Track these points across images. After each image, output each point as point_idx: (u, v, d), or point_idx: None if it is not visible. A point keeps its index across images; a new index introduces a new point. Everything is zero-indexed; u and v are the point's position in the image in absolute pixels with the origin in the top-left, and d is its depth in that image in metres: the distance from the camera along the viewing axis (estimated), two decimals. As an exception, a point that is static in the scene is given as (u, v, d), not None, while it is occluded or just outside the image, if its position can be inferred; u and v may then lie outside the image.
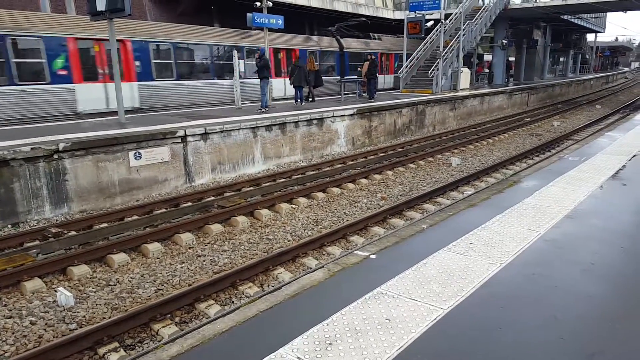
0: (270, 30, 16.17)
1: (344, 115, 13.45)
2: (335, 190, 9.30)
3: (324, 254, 6.32)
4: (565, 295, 3.23)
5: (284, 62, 19.97)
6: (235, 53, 14.20)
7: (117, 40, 12.10)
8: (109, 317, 4.74)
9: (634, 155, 8.08)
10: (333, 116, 13.04)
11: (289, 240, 6.87)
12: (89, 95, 13.56)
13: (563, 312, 3.01)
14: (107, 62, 13.77)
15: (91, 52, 13.69)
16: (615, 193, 5.81)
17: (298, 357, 2.59)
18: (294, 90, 15.65)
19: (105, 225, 7.23)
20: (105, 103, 13.89)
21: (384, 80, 25.26)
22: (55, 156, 7.68)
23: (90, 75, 13.60)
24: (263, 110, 13.29)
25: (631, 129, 11.66)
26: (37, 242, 6.47)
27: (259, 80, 13.81)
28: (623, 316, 2.97)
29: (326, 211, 8.21)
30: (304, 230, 7.30)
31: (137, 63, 14.75)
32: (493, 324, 2.88)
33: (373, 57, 18.98)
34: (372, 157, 12.41)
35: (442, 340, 2.73)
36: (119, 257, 6.09)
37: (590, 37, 51.60)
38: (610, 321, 2.90)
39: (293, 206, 8.38)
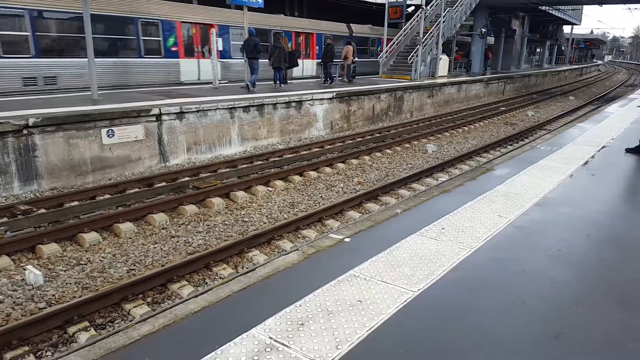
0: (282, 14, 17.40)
1: (323, 99, 13.40)
2: (313, 174, 9.31)
3: (299, 237, 6.34)
4: (532, 279, 3.33)
5: (302, 46, 21.68)
6: (213, 31, 13.93)
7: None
8: (79, 297, 4.68)
9: (603, 147, 8.31)
10: (312, 99, 12.98)
11: (264, 223, 6.87)
12: (188, 68, 16.60)
13: (530, 296, 3.10)
14: (201, 42, 16.84)
15: (190, 33, 16.57)
16: (583, 182, 5.99)
17: (270, 337, 2.61)
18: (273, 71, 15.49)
19: (76, 203, 7.08)
20: (197, 75, 16.85)
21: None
22: (25, 131, 7.45)
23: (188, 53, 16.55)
24: (251, 89, 13.51)
25: (602, 121, 11.97)
26: (5, 219, 6.30)
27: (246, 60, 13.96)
28: (586, 299, 3.08)
29: (303, 194, 8.23)
30: (280, 213, 7.30)
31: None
32: (461, 307, 2.96)
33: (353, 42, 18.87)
34: (350, 141, 12.44)
35: (412, 321, 2.80)
36: (90, 236, 5.99)
37: (566, 29, 52.45)
38: (574, 304, 3.01)
39: (270, 189, 8.36)
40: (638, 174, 6.77)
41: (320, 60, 16.97)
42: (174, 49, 16.07)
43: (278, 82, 15.29)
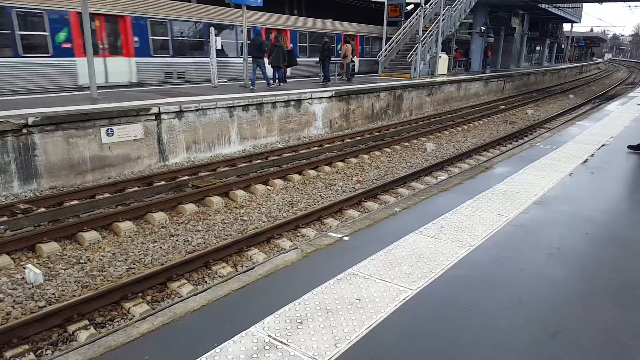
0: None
1: (322, 97, 13.40)
2: (312, 172, 9.31)
3: (298, 236, 6.35)
4: (531, 278, 3.34)
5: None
6: (212, 30, 13.93)
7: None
8: (79, 295, 4.69)
9: (603, 145, 8.32)
10: (311, 98, 12.98)
11: (263, 222, 6.88)
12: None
13: (528, 294, 3.11)
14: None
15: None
16: (583, 181, 5.99)
17: (269, 335, 2.62)
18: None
19: (75, 202, 7.09)
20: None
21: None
22: (24, 130, 7.45)
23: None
24: (273, 85, 14.25)
25: (601, 119, 11.98)
26: (5, 218, 6.31)
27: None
28: (584, 298, 3.09)
29: (302, 193, 8.23)
30: (279, 211, 7.31)
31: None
32: (460, 305, 2.96)
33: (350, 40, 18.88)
34: (349, 140, 12.44)
35: (410, 319, 2.80)
36: (89, 235, 5.99)
37: (566, 27, 52.44)
38: (572, 303, 3.02)
39: (269, 187, 8.37)
40: (638, 173, 6.77)
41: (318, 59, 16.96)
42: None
43: (277, 80, 15.29)
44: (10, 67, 12.37)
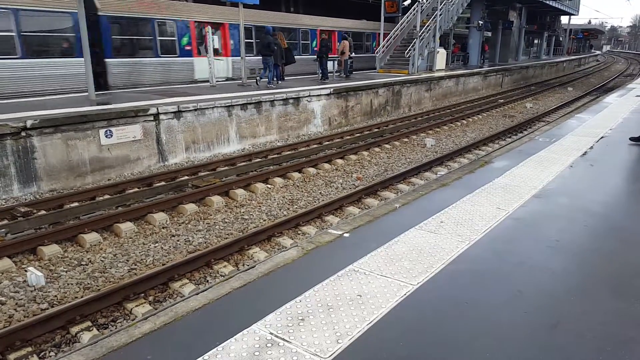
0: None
1: (321, 94, 13.39)
2: (311, 170, 9.32)
3: (299, 234, 6.36)
4: (531, 271, 3.35)
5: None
6: (209, 29, 13.92)
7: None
8: (81, 297, 4.70)
9: (602, 137, 8.32)
10: (309, 95, 12.98)
11: (264, 220, 6.89)
12: None
13: (528, 286, 3.12)
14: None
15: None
16: (582, 173, 6.00)
17: (271, 333, 2.63)
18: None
19: (76, 204, 7.10)
20: None
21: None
22: (23, 133, 7.46)
23: None
24: (269, 85, 14.09)
25: (600, 111, 11.97)
26: (5, 222, 6.32)
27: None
28: (584, 290, 3.10)
29: (302, 191, 8.24)
30: (280, 210, 7.32)
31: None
32: (461, 299, 2.97)
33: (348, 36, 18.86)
34: (348, 137, 12.44)
35: (411, 314, 2.81)
36: (90, 237, 6.00)
37: (564, 19, 52.34)
38: (572, 295, 3.03)
39: (269, 186, 8.37)
40: (637, 165, 6.77)
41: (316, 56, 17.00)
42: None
43: (275, 79, 15.27)
44: (152, 65, 15.36)
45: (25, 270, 5.14)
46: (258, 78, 14.53)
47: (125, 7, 14.44)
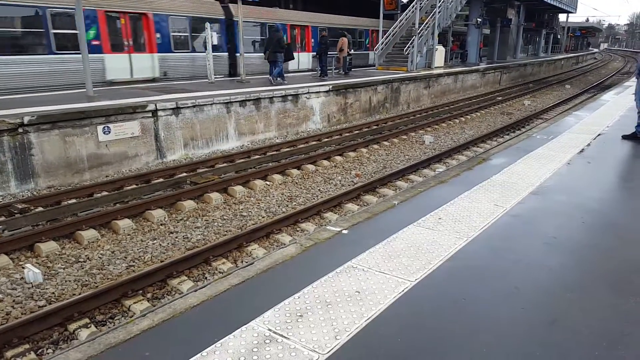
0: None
1: (319, 91, 13.37)
2: (310, 167, 9.31)
3: (298, 230, 6.36)
4: (528, 267, 3.35)
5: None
6: (208, 25, 13.89)
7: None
8: (79, 294, 4.69)
9: (599, 134, 8.33)
10: (308, 92, 12.96)
11: (263, 217, 6.89)
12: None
13: (525, 283, 3.13)
14: None
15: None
16: (579, 170, 6.01)
17: (269, 329, 2.63)
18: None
19: (73, 201, 7.09)
20: None
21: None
22: (20, 130, 7.43)
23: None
24: (279, 80, 14.20)
25: (597, 109, 11.99)
26: (2, 219, 6.30)
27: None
28: (580, 286, 3.11)
29: (301, 188, 8.24)
30: (278, 207, 7.31)
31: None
32: (458, 295, 2.98)
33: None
34: (347, 134, 12.44)
35: (409, 310, 2.82)
36: (88, 234, 5.99)
37: (562, 17, 52.32)
38: (569, 291, 3.04)
39: (267, 183, 8.37)
40: (633, 161, 6.80)
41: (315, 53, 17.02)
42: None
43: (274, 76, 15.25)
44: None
45: (23, 267, 5.13)
46: (271, 78, 14.46)
47: (248, 13, 17.38)
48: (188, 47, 16.57)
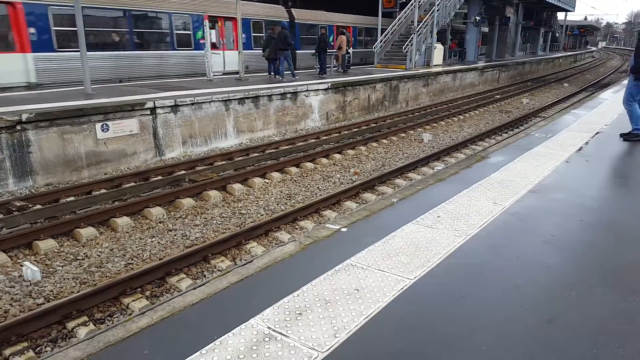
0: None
1: (318, 89, 13.37)
2: (309, 165, 9.31)
3: (296, 228, 6.36)
4: (526, 265, 3.36)
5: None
6: (206, 23, 13.86)
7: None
8: (78, 292, 4.69)
9: (597, 133, 8.34)
10: (307, 90, 12.95)
11: (262, 215, 6.89)
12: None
13: (524, 281, 3.14)
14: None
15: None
16: (578, 168, 6.02)
17: (268, 327, 2.63)
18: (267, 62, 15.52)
19: (72, 198, 7.08)
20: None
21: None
22: (18, 127, 7.41)
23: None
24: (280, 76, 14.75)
25: (596, 107, 12.00)
26: (1, 216, 6.29)
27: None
28: (578, 284, 3.12)
29: (299, 186, 8.24)
30: (277, 204, 7.31)
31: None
32: (457, 293, 2.99)
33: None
34: (346, 132, 12.44)
35: (408, 308, 2.82)
36: (86, 231, 5.99)
37: (560, 15, 52.34)
38: (567, 289, 3.05)
39: (266, 181, 8.37)
40: (631, 160, 6.81)
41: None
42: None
43: (273, 73, 15.24)
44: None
45: (21, 265, 5.13)
46: (280, 73, 15.08)
47: (305, 16, 21.66)
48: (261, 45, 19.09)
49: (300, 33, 21.40)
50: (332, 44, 22.30)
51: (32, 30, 12.38)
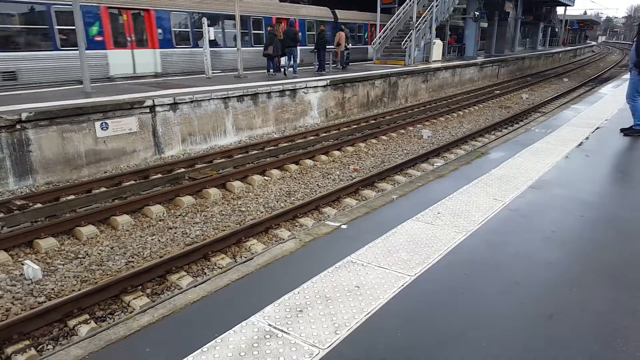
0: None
1: (317, 86, 13.34)
2: (308, 162, 9.31)
3: (296, 225, 6.37)
4: (527, 261, 3.36)
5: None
6: (205, 21, 13.83)
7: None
8: (79, 290, 4.70)
9: (598, 127, 8.33)
10: (306, 87, 12.93)
11: (261, 212, 6.89)
12: None
13: (524, 277, 3.14)
14: None
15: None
16: (578, 164, 6.01)
17: (269, 324, 2.64)
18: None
19: (72, 197, 7.08)
20: None
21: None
22: (18, 126, 7.41)
23: None
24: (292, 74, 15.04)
25: (596, 102, 11.99)
26: (1, 215, 6.30)
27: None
28: (579, 280, 3.12)
29: (299, 183, 8.24)
30: (277, 202, 7.31)
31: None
32: (458, 290, 2.99)
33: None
34: (345, 129, 12.43)
35: (409, 304, 2.83)
36: (87, 230, 5.99)
37: (559, 10, 52.19)
38: (567, 285, 3.05)
39: (266, 178, 8.36)
40: (632, 155, 6.80)
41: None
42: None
43: (272, 70, 15.22)
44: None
45: (22, 264, 5.13)
46: (284, 68, 15.35)
47: (347, 16, 24.73)
48: (313, 41, 20.52)
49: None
50: (366, 40, 26.58)
51: (159, 30, 16.07)
